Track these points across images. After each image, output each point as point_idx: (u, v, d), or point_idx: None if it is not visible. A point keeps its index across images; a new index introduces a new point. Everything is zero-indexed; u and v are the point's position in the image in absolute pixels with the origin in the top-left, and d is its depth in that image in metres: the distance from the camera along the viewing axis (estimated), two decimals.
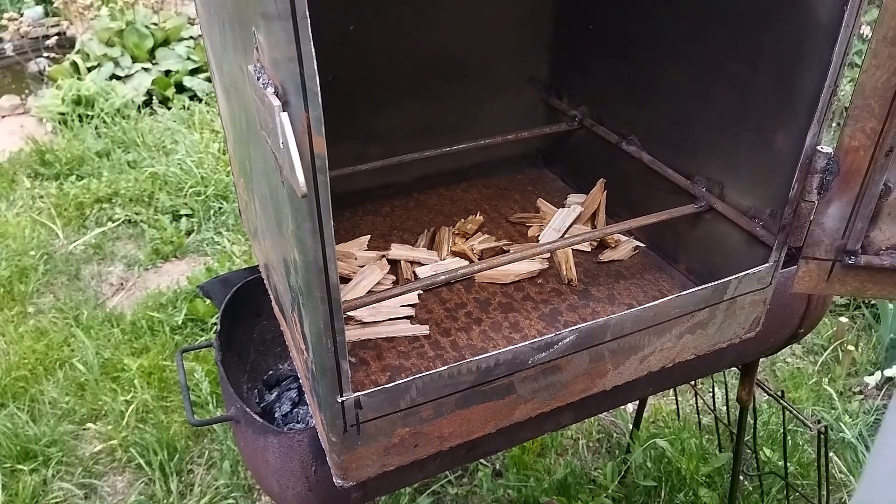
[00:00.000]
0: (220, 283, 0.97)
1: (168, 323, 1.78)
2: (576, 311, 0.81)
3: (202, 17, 0.77)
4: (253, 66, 0.45)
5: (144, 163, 2.43)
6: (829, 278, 0.73)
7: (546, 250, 0.81)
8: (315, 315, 0.52)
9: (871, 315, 1.79)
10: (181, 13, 3.36)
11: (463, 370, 0.62)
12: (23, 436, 1.47)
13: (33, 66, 3.25)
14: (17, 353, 1.70)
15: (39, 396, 1.59)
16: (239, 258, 2.00)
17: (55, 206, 2.25)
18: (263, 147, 0.50)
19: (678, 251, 0.88)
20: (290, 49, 0.40)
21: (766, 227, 0.74)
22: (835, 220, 0.69)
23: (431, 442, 0.66)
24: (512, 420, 0.71)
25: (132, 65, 2.99)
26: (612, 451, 1.48)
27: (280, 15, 0.39)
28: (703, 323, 0.76)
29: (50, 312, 1.84)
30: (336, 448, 0.61)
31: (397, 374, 0.72)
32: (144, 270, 2.04)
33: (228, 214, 2.20)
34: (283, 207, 0.49)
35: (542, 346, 0.65)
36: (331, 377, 0.56)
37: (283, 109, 0.41)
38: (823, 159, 0.67)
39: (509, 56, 1.04)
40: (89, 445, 1.50)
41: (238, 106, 0.63)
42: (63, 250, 2.09)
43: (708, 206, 0.81)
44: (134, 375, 1.61)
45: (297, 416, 0.91)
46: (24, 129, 2.75)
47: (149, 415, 1.54)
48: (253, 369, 0.96)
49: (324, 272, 0.50)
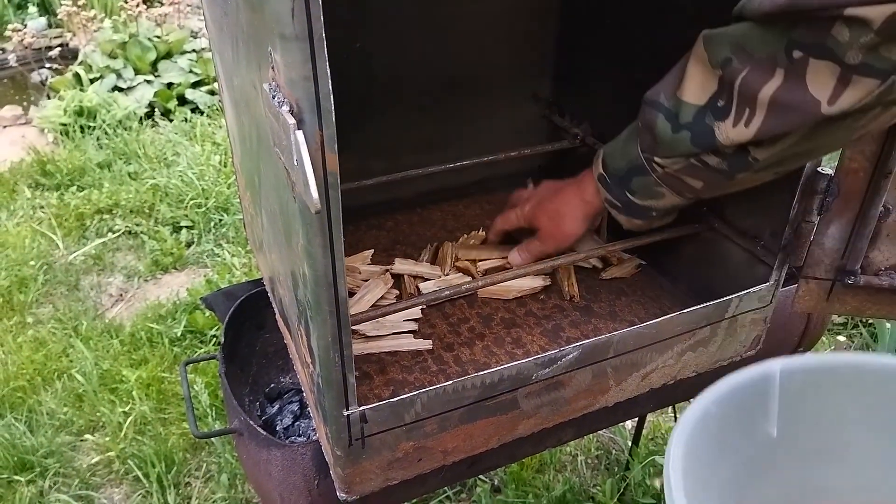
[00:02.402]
0: (223, 296, 0.97)
1: (167, 335, 1.78)
2: (578, 327, 0.82)
3: (213, 33, 0.78)
4: (268, 84, 0.46)
5: (145, 174, 2.44)
6: (829, 298, 0.74)
7: (548, 267, 0.82)
8: (323, 328, 0.53)
9: (869, 334, 1.80)
10: (184, 26, 3.38)
11: (468, 385, 0.63)
12: (20, 447, 1.47)
13: (36, 77, 3.26)
14: (15, 363, 1.70)
15: (37, 407, 1.58)
16: (239, 270, 2.00)
17: (55, 216, 2.26)
18: (276, 163, 0.51)
19: (680, 269, 0.89)
20: (306, 68, 0.41)
21: (767, 246, 0.75)
22: (834, 241, 0.70)
23: (435, 456, 0.67)
24: (515, 435, 0.71)
25: (135, 77, 3.01)
26: (611, 468, 1.48)
27: (297, 36, 0.40)
28: (705, 341, 0.76)
29: (49, 323, 1.84)
30: (340, 461, 0.61)
31: (400, 388, 0.72)
32: (144, 282, 2.04)
33: (229, 227, 2.21)
34: (294, 222, 0.50)
35: (546, 361, 0.66)
36: (337, 390, 0.57)
37: (298, 127, 0.42)
38: (823, 181, 0.68)
39: (512, 73, 1.05)
40: (87, 457, 1.50)
41: (249, 121, 0.64)
42: (63, 261, 2.09)
43: (709, 225, 0.82)
44: (132, 387, 1.61)
45: (299, 430, 0.92)
46: (26, 139, 2.76)
47: (147, 426, 1.54)
48: (255, 382, 0.97)
49: (333, 286, 0.50)
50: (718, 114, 0.59)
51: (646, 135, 0.66)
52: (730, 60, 0.58)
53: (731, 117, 0.59)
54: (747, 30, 0.57)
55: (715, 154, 0.62)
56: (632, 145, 0.68)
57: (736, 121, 0.59)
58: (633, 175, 0.68)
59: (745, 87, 0.57)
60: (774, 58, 0.55)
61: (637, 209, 0.71)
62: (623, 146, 0.70)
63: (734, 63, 0.58)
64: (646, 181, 0.68)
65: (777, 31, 0.55)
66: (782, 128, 0.57)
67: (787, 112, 0.56)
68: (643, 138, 0.66)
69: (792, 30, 0.54)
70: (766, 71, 0.56)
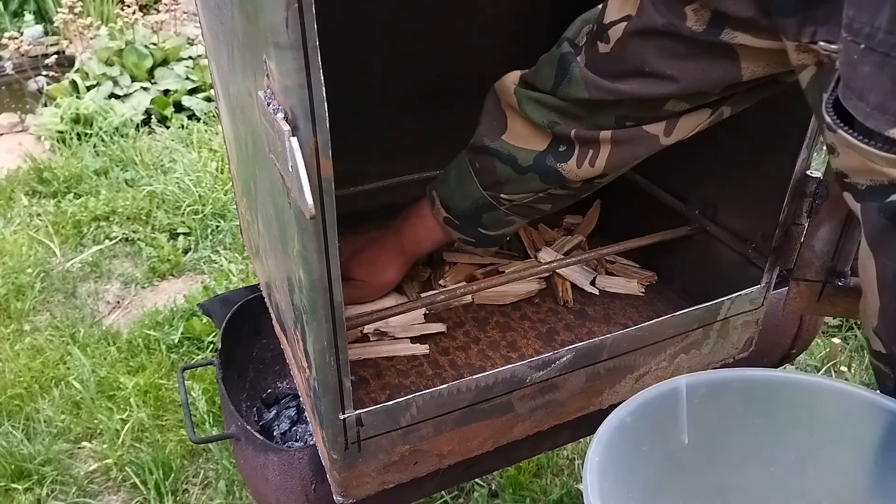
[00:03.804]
0: (220, 302, 0.98)
1: (164, 341, 1.78)
2: (572, 330, 0.83)
3: (209, 40, 0.79)
4: (263, 91, 0.46)
5: (142, 181, 2.44)
6: (819, 299, 0.74)
7: (542, 271, 0.83)
8: (319, 333, 0.53)
9: (864, 336, 1.81)
10: (180, 33, 3.39)
11: (462, 388, 0.63)
12: (17, 454, 1.47)
13: (32, 85, 3.27)
14: (12, 371, 1.70)
15: (35, 415, 1.58)
16: (236, 276, 2.00)
17: (52, 223, 2.26)
18: (271, 169, 0.52)
19: (672, 272, 0.90)
20: (300, 77, 0.42)
21: (758, 249, 0.76)
22: (824, 243, 0.71)
23: (431, 459, 0.67)
24: (510, 438, 0.72)
25: (131, 84, 3.01)
26: None
27: (292, 45, 0.40)
28: (697, 343, 0.77)
29: (46, 330, 1.84)
30: (337, 465, 0.62)
31: (397, 392, 0.73)
32: (141, 289, 2.04)
33: (226, 233, 2.21)
34: (290, 228, 0.51)
35: (540, 364, 0.67)
36: (333, 395, 0.57)
37: (292, 134, 0.43)
38: (813, 184, 0.69)
39: None
40: (84, 464, 1.49)
41: (244, 128, 0.65)
42: (60, 268, 2.09)
43: (701, 228, 0.83)
44: (130, 394, 1.61)
45: (296, 435, 0.92)
46: (23, 146, 2.76)
47: (144, 433, 1.54)
48: (252, 387, 0.97)
49: (328, 291, 0.51)
50: (561, 157, 0.61)
51: (486, 176, 0.67)
52: (557, 123, 0.60)
53: (574, 158, 0.61)
54: (569, 106, 0.59)
55: (563, 188, 0.64)
56: (469, 186, 0.68)
57: (580, 162, 0.61)
58: (482, 212, 0.69)
59: (582, 135, 0.59)
60: (604, 125, 0.58)
61: (490, 239, 0.73)
62: (459, 187, 0.70)
63: (562, 125, 0.60)
64: (496, 214, 0.69)
65: (605, 110, 0.58)
66: (629, 161, 0.61)
67: (629, 146, 0.59)
68: (483, 178, 0.67)
69: (618, 108, 0.57)
70: (600, 129, 0.59)
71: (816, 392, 0.46)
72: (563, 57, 0.59)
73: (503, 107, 0.65)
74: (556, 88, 0.59)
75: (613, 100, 0.56)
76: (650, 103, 0.55)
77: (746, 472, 0.49)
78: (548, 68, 0.60)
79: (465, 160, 0.68)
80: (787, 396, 0.46)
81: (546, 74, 0.60)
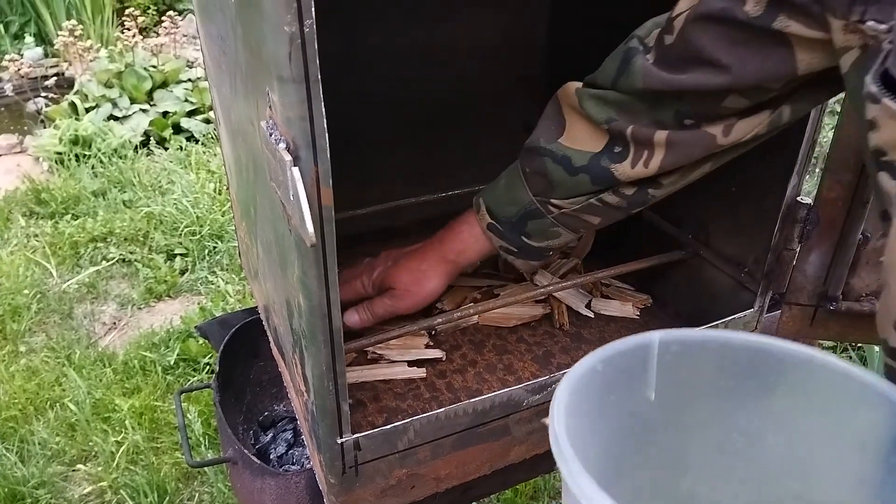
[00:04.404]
0: (218, 324, 0.98)
1: (160, 363, 1.78)
2: (568, 353, 0.83)
3: (211, 69, 0.80)
4: (265, 122, 0.47)
5: (140, 202, 2.45)
6: (812, 323, 0.75)
7: (538, 294, 0.84)
8: (318, 358, 0.54)
9: (859, 357, 1.82)
10: (180, 56, 3.42)
11: (459, 412, 0.64)
12: (11, 477, 1.46)
13: (32, 106, 3.29)
14: (7, 392, 1.69)
15: (29, 437, 1.58)
16: (233, 297, 2.01)
17: (50, 244, 2.26)
18: (272, 196, 0.53)
19: (666, 295, 0.91)
20: (302, 109, 0.43)
21: (751, 273, 0.77)
22: (816, 268, 0.72)
23: (428, 483, 0.68)
24: (507, 461, 0.72)
25: (130, 106, 3.04)
26: None
27: (294, 78, 0.41)
28: None
29: (42, 351, 1.84)
30: (334, 490, 0.62)
31: (394, 415, 0.73)
32: (138, 310, 2.04)
33: (223, 254, 2.22)
34: (290, 254, 0.52)
35: (537, 388, 0.67)
36: (331, 419, 0.58)
37: (294, 164, 0.44)
38: (803, 210, 0.70)
39: (503, 103, 1.07)
40: (79, 487, 1.49)
41: (245, 154, 0.66)
42: (56, 289, 2.09)
43: (694, 252, 0.84)
44: (125, 416, 1.60)
45: (293, 458, 0.92)
46: (21, 167, 2.78)
47: (139, 456, 1.53)
48: (249, 410, 0.97)
49: (327, 317, 0.52)
50: (616, 158, 0.62)
51: (537, 180, 0.67)
52: (615, 119, 0.60)
53: (629, 160, 0.61)
54: (629, 100, 0.59)
55: (614, 192, 0.64)
56: (519, 191, 0.68)
57: (634, 162, 0.61)
58: (528, 219, 0.69)
59: (638, 134, 0.60)
60: (662, 122, 0.58)
61: (533, 251, 0.72)
62: (507, 193, 0.70)
63: (620, 121, 0.60)
64: (542, 223, 0.69)
65: (664, 104, 0.58)
66: (683, 161, 0.60)
67: (684, 147, 0.59)
68: (533, 183, 0.67)
69: (678, 102, 0.57)
70: (657, 128, 0.59)
71: (796, 363, 0.43)
72: (628, 51, 0.59)
73: (563, 110, 0.65)
74: (615, 81, 0.59)
75: (671, 91, 0.55)
76: (709, 98, 0.55)
77: (706, 434, 0.47)
78: (611, 63, 0.60)
79: (517, 166, 0.68)
80: (763, 362, 0.44)
81: (609, 69, 0.60)
